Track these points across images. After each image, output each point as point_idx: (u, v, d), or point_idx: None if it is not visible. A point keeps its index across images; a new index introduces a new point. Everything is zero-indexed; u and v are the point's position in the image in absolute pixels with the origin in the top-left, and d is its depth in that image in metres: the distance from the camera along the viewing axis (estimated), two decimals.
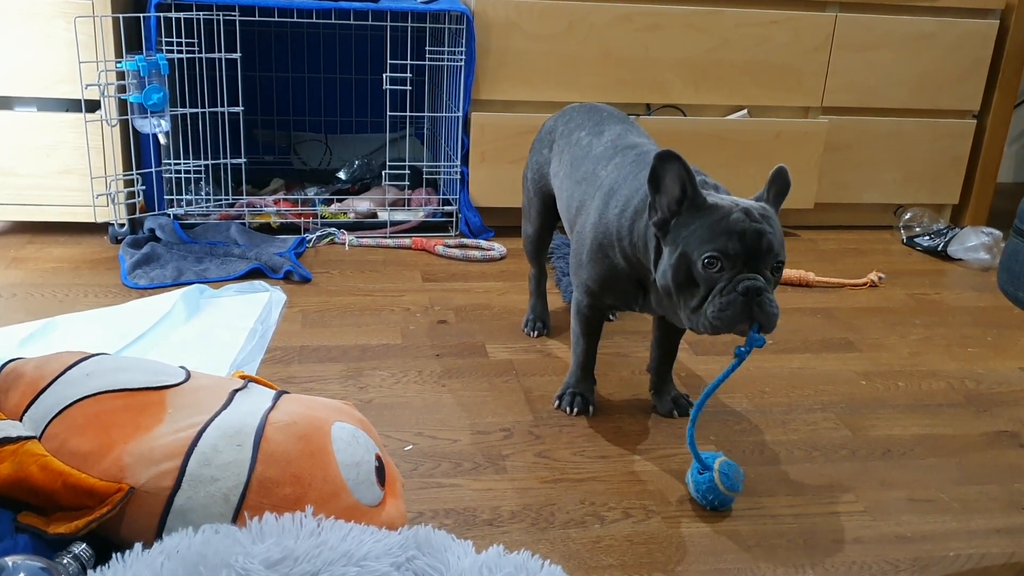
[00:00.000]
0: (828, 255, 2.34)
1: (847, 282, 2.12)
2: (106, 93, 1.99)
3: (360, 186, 2.49)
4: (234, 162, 2.16)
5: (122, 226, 2.10)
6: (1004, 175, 3.13)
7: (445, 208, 2.34)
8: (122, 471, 0.95)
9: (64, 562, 0.90)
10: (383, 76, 2.18)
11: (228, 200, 2.25)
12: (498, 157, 2.26)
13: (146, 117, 2.02)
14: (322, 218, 2.26)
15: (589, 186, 1.40)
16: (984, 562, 1.15)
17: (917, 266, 2.30)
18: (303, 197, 2.37)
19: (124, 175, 2.08)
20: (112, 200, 2.06)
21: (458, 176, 2.28)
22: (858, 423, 1.49)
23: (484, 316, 1.83)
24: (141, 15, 2.01)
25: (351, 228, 2.25)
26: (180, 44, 2.05)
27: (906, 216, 2.52)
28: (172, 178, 2.16)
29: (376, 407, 1.44)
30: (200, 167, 2.18)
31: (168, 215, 2.13)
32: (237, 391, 1.10)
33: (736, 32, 2.26)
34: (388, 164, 2.29)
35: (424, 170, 2.42)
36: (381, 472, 1.03)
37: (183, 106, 2.13)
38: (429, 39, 2.25)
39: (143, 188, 2.12)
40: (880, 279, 2.13)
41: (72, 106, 2.03)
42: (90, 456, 0.97)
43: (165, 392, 1.07)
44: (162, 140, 2.09)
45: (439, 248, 2.17)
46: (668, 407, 1.48)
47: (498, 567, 0.90)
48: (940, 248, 2.37)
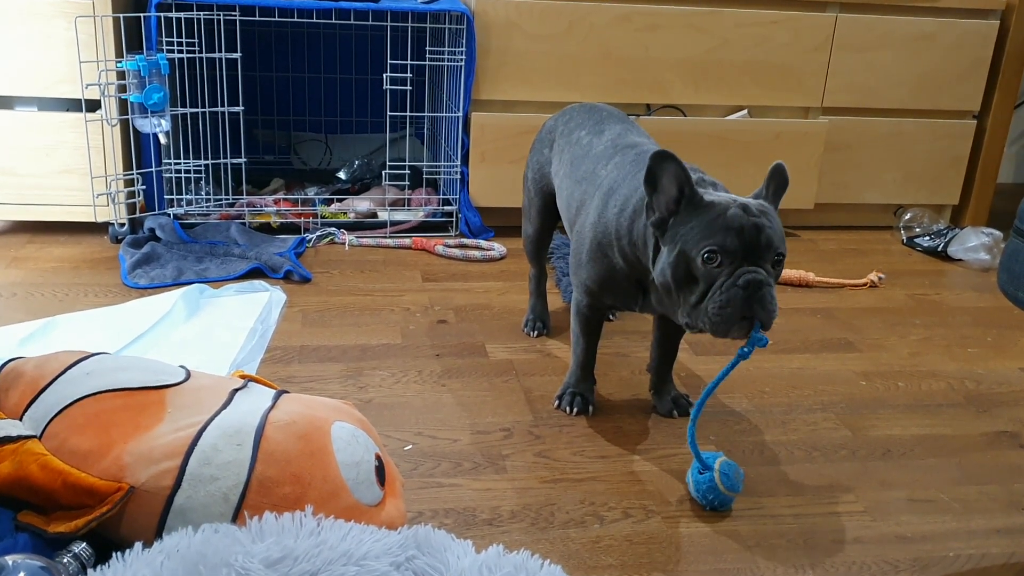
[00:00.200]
0: (828, 255, 2.34)
1: (847, 282, 2.12)
2: (106, 93, 1.99)
3: (360, 186, 2.49)
4: (234, 162, 2.16)
5: (122, 226, 2.10)
6: (1004, 175, 3.13)
7: (445, 208, 2.34)
8: (122, 470, 0.95)
9: (64, 561, 0.90)
10: (383, 76, 2.18)
11: (228, 200, 2.25)
12: (498, 157, 2.26)
13: (146, 117, 2.02)
14: (322, 218, 2.26)
15: (589, 185, 1.40)
16: (984, 562, 1.15)
17: (917, 266, 2.30)
18: (303, 197, 2.37)
19: (124, 175, 2.08)
20: (112, 200, 2.06)
21: (458, 176, 2.28)
22: (858, 423, 1.49)
23: (484, 316, 1.83)
24: (142, 15, 2.01)
25: (351, 228, 2.25)
26: (180, 44, 2.05)
27: (906, 216, 2.52)
28: (172, 178, 2.16)
29: (376, 407, 1.44)
30: (200, 167, 2.18)
31: (168, 215, 2.14)
32: (237, 390, 1.10)
33: (736, 32, 2.26)
34: (388, 164, 2.29)
35: (424, 170, 2.42)
36: (381, 472, 1.03)
37: (183, 106, 2.13)
38: (429, 39, 2.25)
39: (143, 188, 2.12)
40: (880, 279, 2.13)
41: (72, 106, 2.03)
42: (90, 455, 0.97)
43: (165, 391, 1.07)
44: (162, 140, 2.09)
45: (439, 248, 2.17)
46: (668, 407, 1.48)
47: (498, 567, 0.90)
48: (940, 248, 2.37)
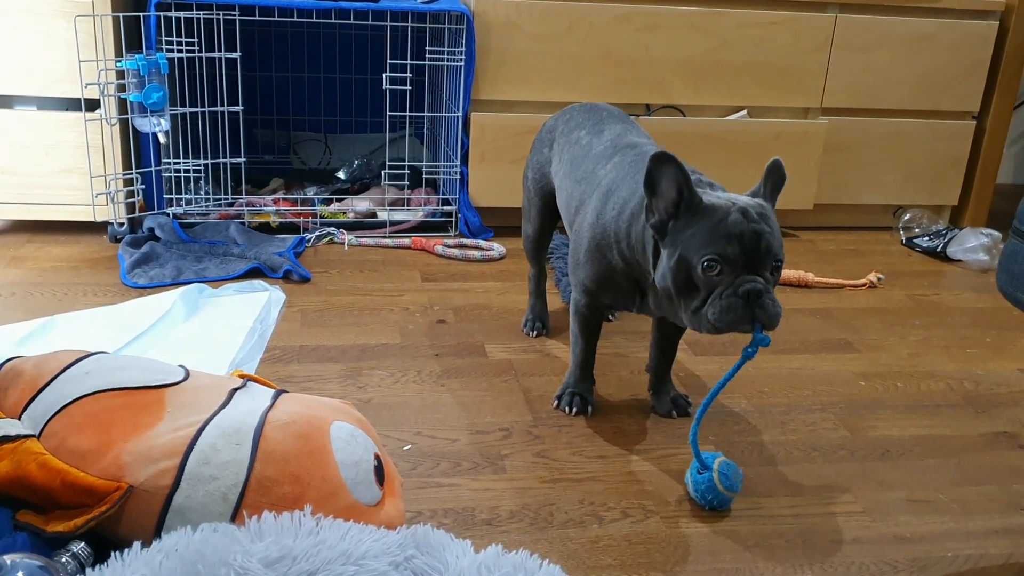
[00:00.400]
0: (827, 256, 2.34)
1: (846, 283, 2.12)
2: (106, 92, 1.99)
3: (359, 186, 2.49)
4: (234, 161, 2.16)
5: (121, 225, 2.10)
6: (1003, 176, 3.13)
7: (444, 208, 2.34)
8: (121, 470, 0.95)
9: (63, 560, 0.90)
10: (383, 76, 2.18)
11: (227, 199, 2.25)
12: (498, 157, 2.26)
13: (146, 116, 2.02)
14: (321, 218, 2.26)
15: (588, 185, 1.40)
16: (982, 563, 1.15)
17: (916, 267, 2.30)
18: (302, 197, 2.37)
19: (124, 174, 2.08)
20: (111, 199, 2.06)
21: (458, 176, 2.28)
22: (857, 424, 1.49)
23: (483, 316, 1.83)
24: (141, 14, 2.01)
25: (350, 228, 2.25)
26: (180, 43, 2.05)
27: (905, 217, 2.53)
28: (172, 177, 2.16)
29: (375, 407, 1.44)
30: (200, 166, 2.18)
31: (167, 214, 2.13)
32: (236, 390, 1.10)
33: (736, 33, 2.26)
34: (388, 164, 2.29)
35: (424, 170, 2.42)
36: (380, 471, 1.03)
37: (183, 105, 2.13)
38: (429, 39, 2.25)
39: (142, 187, 2.12)
40: (879, 280, 2.13)
41: (72, 105, 2.03)
42: (89, 454, 0.97)
43: (164, 391, 1.07)
44: (162, 139, 2.09)
45: (438, 248, 2.17)
46: (667, 407, 1.48)
47: (496, 566, 0.90)
48: (939, 249, 2.37)
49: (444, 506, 1.20)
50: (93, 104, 2.01)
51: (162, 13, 2.00)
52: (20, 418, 1.05)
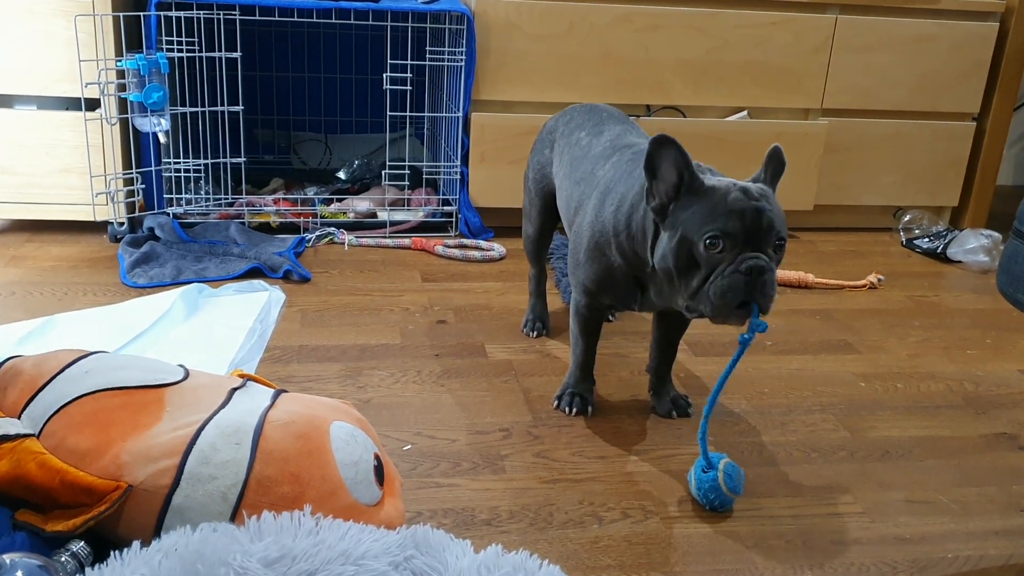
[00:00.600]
0: (827, 257, 2.34)
1: (846, 284, 2.12)
2: (106, 92, 1.99)
3: (360, 186, 2.49)
4: (234, 161, 2.16)
5: (121, 225, 2.10)
6: (1003, 177, 3.13)
7: (445, 208, 2.34)
8: (120, 469, 0.95)
9: (62, 560, 0.90)
10: (383, 76, 2.18)
11: (228, 199, 2.25)
12: (498, 157, 2.26)
13: (146, 116, 2.02)
14: (321, 218, 2.26)
15: (587, 186, 1.40)
16: (982, 564, 1.15)
17: (916, 268, 2.30)
18: (303, 197, 2.37)
19: (124, 174, 2.08)
20: (111, 199, 2.06)
21: (458, 176, 2.28)
22: (857, 424, 1.49)
23: (483, 316, 1.83)
24: (141, 14, 2.01)
25: (350, 228, 2.25)
26: (180, 43, 2.05)
27: (905, 218, 2.53)
28: (172, 177, 2.16)
29: (375, 407, 1.44)
30: (200, 166, 2.18)
31: (167, 214, 2.13)
32: (236, 390, 1.10)
33: (736, 33, 2.27)
34: (388, 164, 2.29)
35: (424, 170, 2.42)
36: (380, 471, 1.03)
37: (183, 105, 2.13)
38: (429, 39, 2.25)
39: (143, 187, 2.12)
40: (879, 281, 2.13)
41: (72, 105, 2.03)
42: (88, 454, 0.97)
43: (164, 390, 1.07)
44: (162, 139, 2.09)
45: (438, 248, 2.17)
46: (667, 408, 1.48)
47: (496, 567, 0.90)
48: (939, 250, 2.37)
49: (444, 506, 1.20)
50: (93, 104, 2.01)
51: (162, 13, 2.00)
52: (19, 417, 1.05)
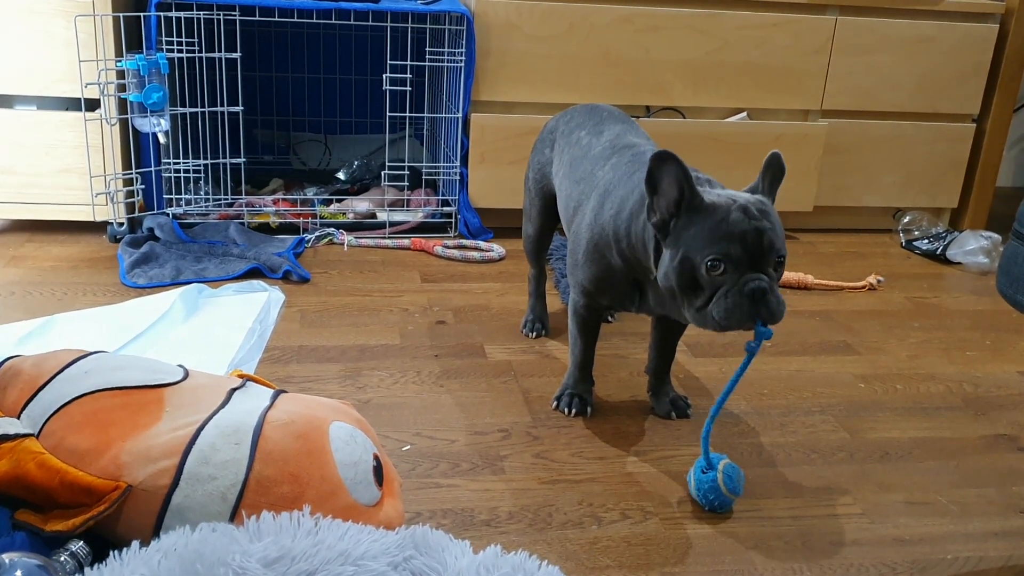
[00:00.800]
0: (827, 258, 2.34)
1: (846, 285, 2.12)
2: (106, 92, 1.99)
3: (359, 186, 2.49)
4: (233, 162, 2.16)
5: (121, 225, 2.10)
6: (1003, 179, 3.13)
7: (444, 209, 2.34)
8: (120, 469, 0.95)
9: (61, 560, 0.90)
10: (383, 76, 2.18)
11: (227, 200, 2.25)
12: (497, 158, 2.26)
13: (146, 116, 2.02)
14: (321, 218, 2.26)
15: (586, 186, 1.40)
16: (982, 565, 1.15)
17: (916, 269, 2.30)
18: (302, 197, 2.37)
19: (123, 174, 2.08)
20: (111, 199, 2.06)
21: (457, 177, 2.28)
22: (856, 426, 1.49)
23: (483, 317, 1.83)
24: (141, 14, 2.01)
25: (350, 228, 2.25)
26: (180, 43, 2.05)
27: (905, 219, 2.53)
28: (171, 177, 2.16)
29: (374, 407, 1.44)
30: (199, 166, 2.18)
31: (167, 214, 2.13)
32: (235, 390, 1.10)
33: (736, 34, 2.27)
34: (387, 165, 2.29)
35: (423, 171, 2.42)
36: (379, 472, 1.03)
37: (183, 105, 2.13)
38: (429, 40, 2.25)
39: (142, 187, 2.12)
40: (879, 282, 2.13)
41: (72, 105, 2.03)
42: (88, 454, 0.97)
43: (163, 390, 1.07)
44: (161, 139, 2.09)
45: (438, 249, 2.17)
46: (666, 408, 1.48)
47: (495, 567, 0.90)
48: (939, 252, 2.37)
49: (443, 507, 1.20)
50: (93, 104, 2.01)
51: (162, 13, 2.00)
52: (19, 417, 1.05)
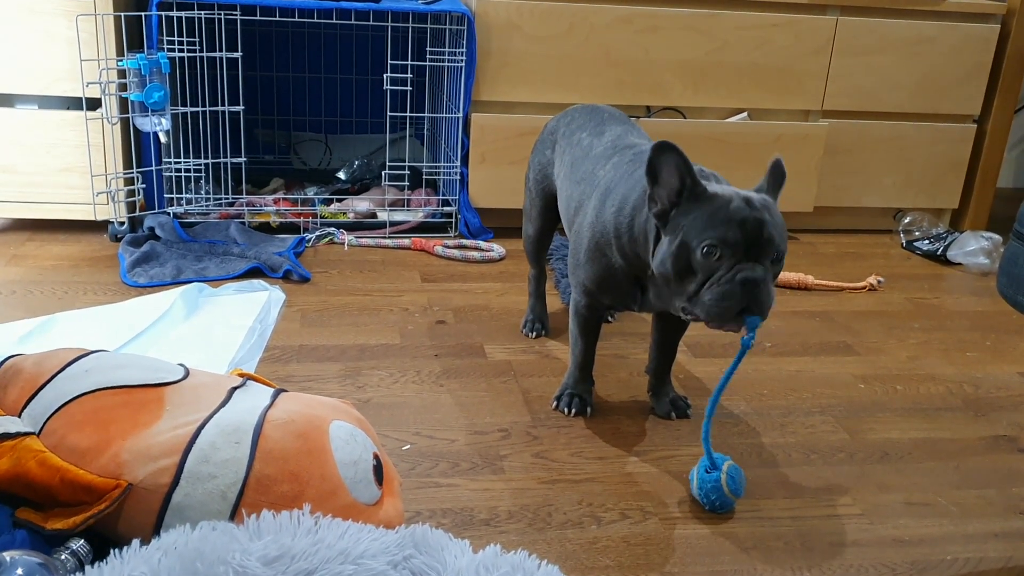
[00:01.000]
0: (827, 258, 2.34)
1: (846, 285, 2.12)
2: (107, 91, 1.99)
3: (360, 186, 2.49)
4: (234, 161, 2.16)
5: (122, 224, 2.10)
6: (1004, 180, 3.13)
7: (444, 209, 2.34)
8: (120, 467, 0.95)
9: (62, 558, 0.90)
10: (383, 76, 2.18)
11: (228, 199, 2.25)
12: (498, 158, 2.26)
13: (147, 115, 2.03)
14: (321, 218, 2.27)
15: (587, 186, 1.40)
16: (981, 566, 1.15)
17: (916, 270, 2.30)
18: (303, 197, 2.37)
19: (124, 173, 2.08)
20: (112, 198, 2.06)
21: (458, 177, 2.28)
22: (856, 426, 1.49)
23: (483, 317, 1.83)
24: (143, 13, 2.02)
25: (350, 228, 2.25)
26: (181, 43, 2.05)
27: (905, 220, 2.53)
28: (172, 177, 2.17)
29: (374, 406, 1.44)
30: (200, 166, 2.18)
31: (168, 213, 2.14)
32: (236, 389, 1.10)
33: (736, 35, 2.27)
34: (388, 164, 2.29)
35: (424, 171, 2.42)
36: (379, 471, 1.03)
37: (184, 105, 2.14)
38: (430, 40, 2.25)
39: (143, 186, 2.12)
40: (879, 283, 2.13)
41: (73, 104, 2.03)
42: (88, 452, 0.97)
43: (164, 389, 1.07)
44: (162, 139, 2.09)
45: (438, 249, 2.17)
46: (666, 409, 1.48)
47: (495, 566, 0.90)
48: (939, 252, 2.37)
49: (443, 506, 1.20)
50: (94, 103, 2.01)
51: (164, 12, 2.01)
52: (20, 416, 1.05)
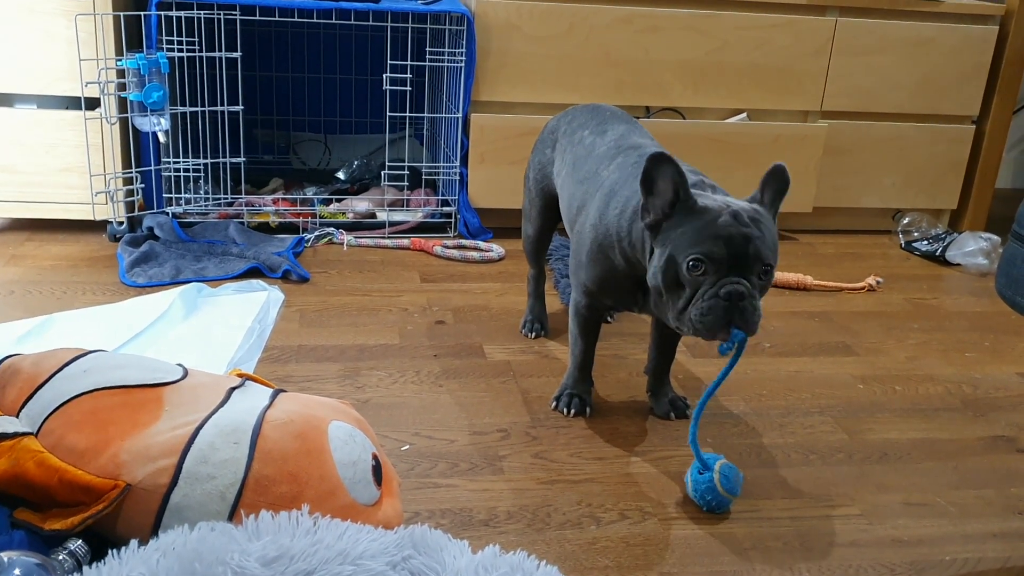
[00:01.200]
0: (826, 259, 2.34)
1: (845, 286, 2.12)
2: (106, 91, 1.99)
3: (359, 186, 2.49)
4: (233, 161, 2.16)
5: (121, 224, 2.10)
6: (1003, 180, 3.13)
7: (444, 209, 2.34)
8: (119, 468, 0.95)
9: (60, 558, 0.90)
10: (383, 76, 2.18)
11: (227, 199, 2.25)
12: (497, 158, 2.26)
13: (146, 115, 2.03)
14: (321, 218, 2.26)
15: (591, 186, 1.40)
16: (980, 566, 1.15)
17: (915, 271, 2.30)
18: (302, 197, 2.37)
19: (123, 173, 2.08)
20: (111, 198, 2.06)
21: (457, 177, 2.28)
22: (855, 427, 1.49)
23: (482, 317, 1.83)
24: (142, 13, 2.01)
25: (350, 228, 2.25)
26: (181, 43, 2.05)
27: (904, 221, 2.53)
28: (171, 176, 2.16)
29: (373, 407, 1.44)
30: (199, 166, 2.18)
31: (167, 213, 2.13)
32: (234, 389, 1.10)
33: (736, 35, 2.27)
34: (387, 164, 2.29)
35: (423, 171, 2.42)
36: (378, 471, 1.03)
37: (183, 105, 2.13)
38: (429, 40, 2.25)
39: (142, 186, 2.12)
40: (878, 283, 2.14)
41: (72, 104, 2.03)
42: (87, 452, 0.97)
43: (162, 389, 1.07)
44: (161, 138, 2.09)
45: (437, 249, 2.17)
46: (665, 409, 1.48)
47: (494, 567, 0.90)
48: (938, 253, 2.37)
49: (442, 506, 1.20)
50: (93, 103, 2.01)
51: (163, 12, 2.00)
52: (18, 416, 1.05)
